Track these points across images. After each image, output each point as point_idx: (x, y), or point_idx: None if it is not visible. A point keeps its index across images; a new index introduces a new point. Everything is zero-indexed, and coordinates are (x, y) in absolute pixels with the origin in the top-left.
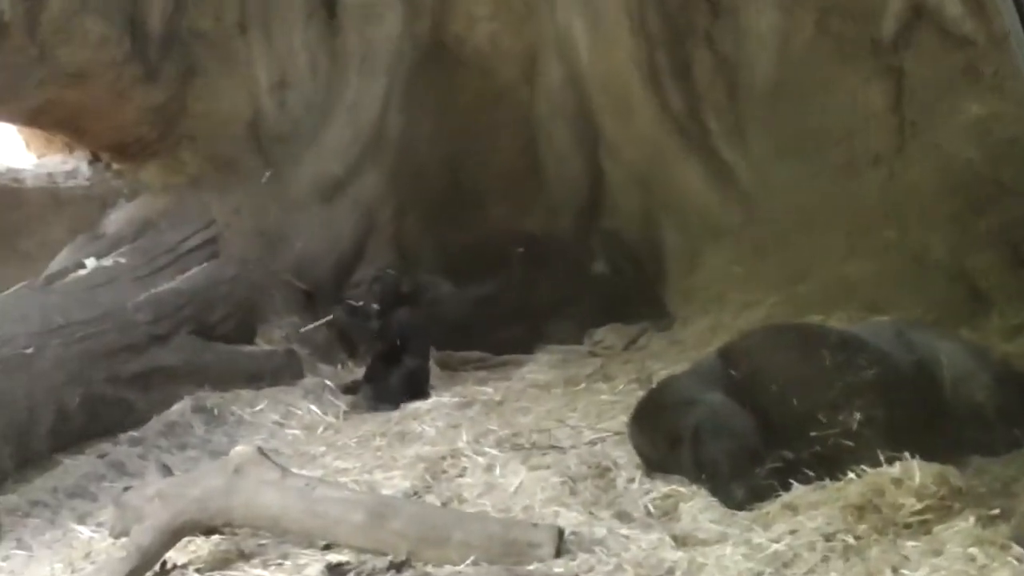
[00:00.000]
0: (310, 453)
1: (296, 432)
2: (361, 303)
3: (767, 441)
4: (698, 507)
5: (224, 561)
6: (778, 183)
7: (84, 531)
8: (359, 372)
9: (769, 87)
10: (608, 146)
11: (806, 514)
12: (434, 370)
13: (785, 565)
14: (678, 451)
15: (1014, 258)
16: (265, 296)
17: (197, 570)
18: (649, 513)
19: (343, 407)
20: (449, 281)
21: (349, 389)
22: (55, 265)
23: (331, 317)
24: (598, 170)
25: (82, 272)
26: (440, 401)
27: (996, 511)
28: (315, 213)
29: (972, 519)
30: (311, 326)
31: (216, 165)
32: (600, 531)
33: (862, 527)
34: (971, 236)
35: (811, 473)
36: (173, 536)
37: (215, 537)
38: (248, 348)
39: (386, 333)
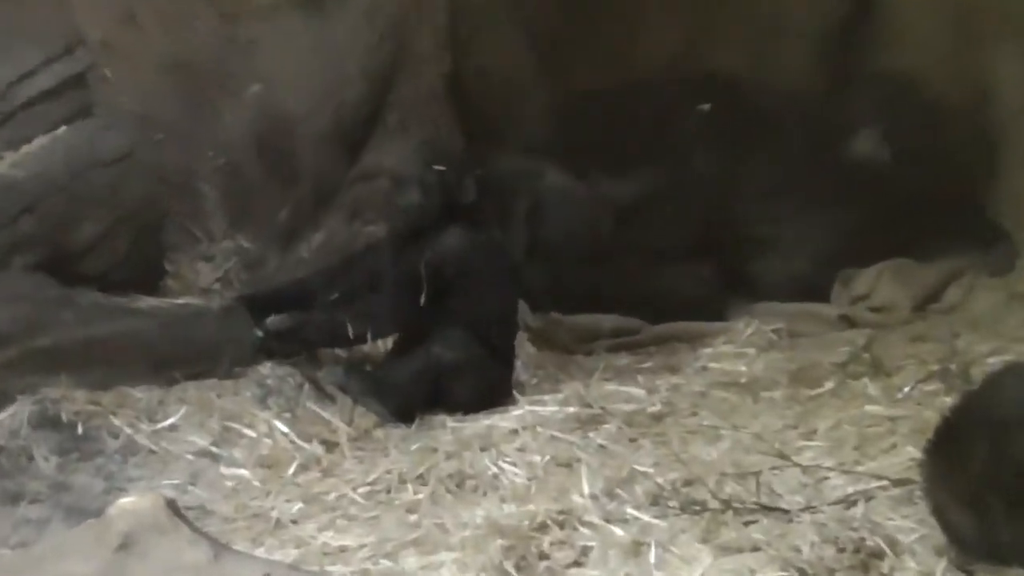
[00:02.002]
0: (272, 514)
1: (243, 472)
2: None
3: None
4: None
5: None
6: None
7: None
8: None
9: None
10: None
11: None
12: (525, 349)
13: None
14: None
15: None
16: (186, 194)
17: None
18: None
19: (340, 421)
20: (563, 170)
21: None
22: None
23: None
24: None
25: None
26: (536, 413)
27: None
28: (291, 28)
29: None
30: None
31: None
32: None
33: None
34: None
35: None
36: None
37: None
38: (151, 300)
39: (403, 273)
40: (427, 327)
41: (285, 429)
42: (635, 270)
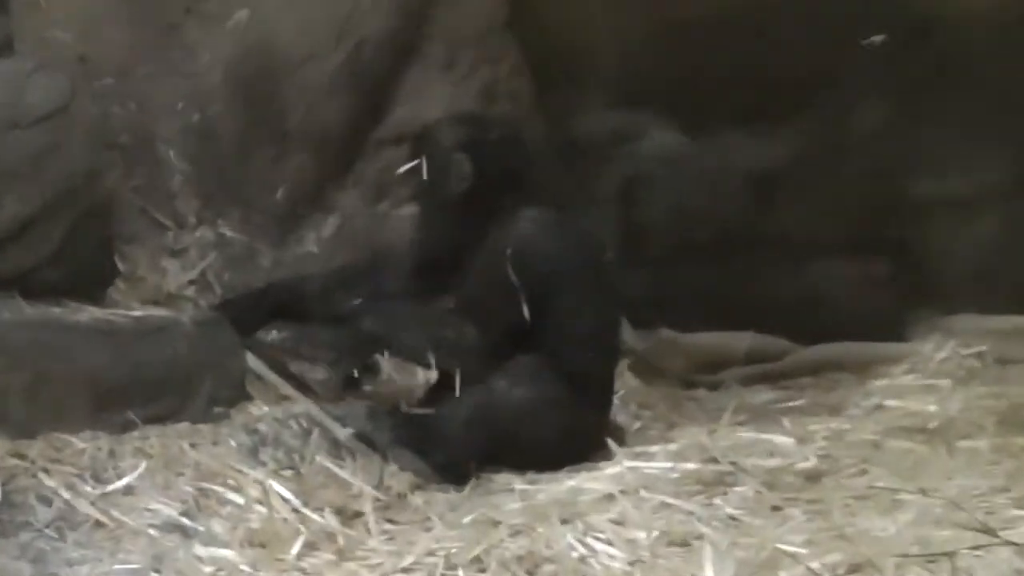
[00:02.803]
0: None
1: (226, 553)
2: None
3: None
4: None
5: None
6: None
7: None
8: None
9: None
10: None
11: None
12: (625, 381)
13: None
14: None
15: None
16: (145, 164)
17: None
18: None
19: (363, 483)
20: (672, 128)
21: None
22: None
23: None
24: None
25: None
26: (640, 471)
27: None
28: None
29: None
30: None
31: None
32: None
33: None
34: None
35: None
36: None
37: None
38: (96, 312)
39: (488, 279)
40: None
41: (286, 493)
42: (777, 268)
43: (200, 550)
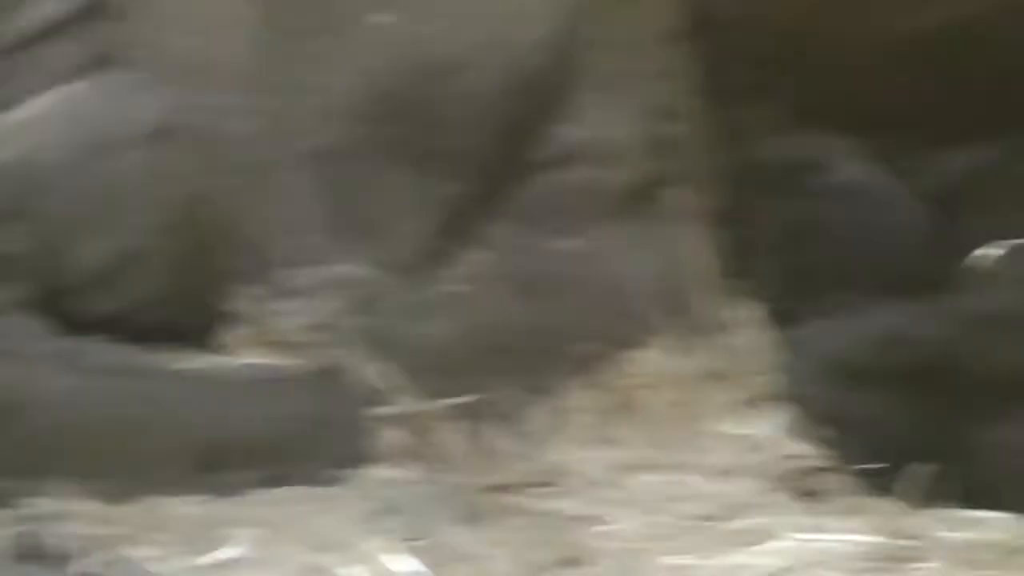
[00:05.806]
0: None
1: None
2: None
3: None
4: None
5: None
6: None
7: None
8: None
9: None
10: None
11: None
12: None
13: None
14: None
15: None
16: (260, 186)
17: None
18: None
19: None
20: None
21: None
22: None
23: None
24: None
25: None
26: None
27: None
28: None
29: None
30: None
31: None
32: None
33: None
34: None
35: None
36: None
37: None
38: (200, 361)
39: None
40: None
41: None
42: None
43: None
